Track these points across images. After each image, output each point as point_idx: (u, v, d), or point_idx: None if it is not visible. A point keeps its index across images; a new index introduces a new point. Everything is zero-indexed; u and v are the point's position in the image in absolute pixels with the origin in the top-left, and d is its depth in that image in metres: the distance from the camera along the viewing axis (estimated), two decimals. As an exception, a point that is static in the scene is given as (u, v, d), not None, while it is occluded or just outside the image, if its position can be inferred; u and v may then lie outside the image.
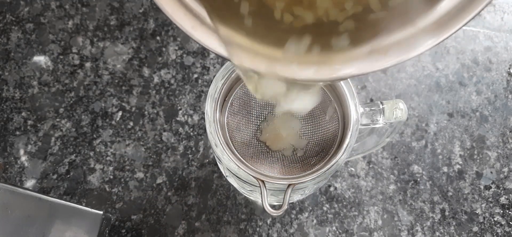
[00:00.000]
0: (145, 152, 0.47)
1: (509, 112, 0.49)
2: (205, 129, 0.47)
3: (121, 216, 0.45)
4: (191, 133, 0.47)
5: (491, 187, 0.46)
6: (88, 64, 0.50)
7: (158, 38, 0.51)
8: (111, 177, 0.46)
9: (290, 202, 0.43)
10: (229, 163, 0.33)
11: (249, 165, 0.32)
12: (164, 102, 0.49)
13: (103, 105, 0.48)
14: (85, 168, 0.46)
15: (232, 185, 0.44)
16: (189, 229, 0.44)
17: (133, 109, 0.48)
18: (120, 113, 0.48)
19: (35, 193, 0.37)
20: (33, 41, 0.51)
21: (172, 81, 0.49)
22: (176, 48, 0.51)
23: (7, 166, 0.46)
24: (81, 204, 0.41)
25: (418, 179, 0.46)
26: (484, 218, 0.45)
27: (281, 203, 0.32)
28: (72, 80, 0.49)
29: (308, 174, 0.32)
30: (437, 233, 0.44)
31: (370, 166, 0.47)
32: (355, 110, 0.34)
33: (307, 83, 0.18)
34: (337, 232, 0.45)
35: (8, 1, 0.52)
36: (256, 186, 0.34)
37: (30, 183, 0.45)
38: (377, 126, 0.36)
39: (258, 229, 0.45)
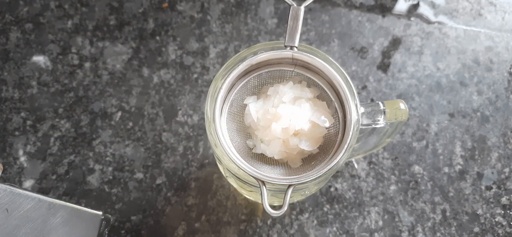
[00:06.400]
0: (144, 152, 0.47)
1: (510, 112, 0.49)
2: (205, 130, 0.47)
3: (120, 216, 0.45)
4: (191, 134, 0.47)
5: (492, 188, 0.46)
6: (87, 64, 0.50)
7: (157, 38, 0.51)
8: (111, 177, 0.46)
9: (290, 202, 0.43)
10: (229, 164, 0.33)
11: (249, 165, 0.32)
12: (164, 102, 0.48)
13: (102, 105, 0.48)
14: (84, 169, 0.46)
15: (232, 186, 0.44)
16: (189, 230, 0.44)
17: (133, 109, 0.48)
18: (119, 113, 0.48)
19: (34, 194, 0.37)
20: (32, 41, 0.51)
21: (172, 81, 0.49)
22: (176, 48, 0.51)
23: (6, 166, 0.46)
24: (81, 205, 0.41)
25: (419, 180, 0.46)
26: (485, 218, 0.45)
27: (281, 204, 0.32)
28: (71, 80, 0.49)
29: (309, 174, 0.32)
30: (438, 234, 0.44)
31: (371, 166, 0.46)
32: (356, 110, 0.33)
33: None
34: (337, 232, 0.44)
35: (7, 1, 0.52)
36: (256, 186, 0.33)
37: (29, 183, 0.45)
38: (378, 126, 0.35)
39: (258, 229, 0.44)
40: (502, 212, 0.45)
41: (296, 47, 0.34)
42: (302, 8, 0.34)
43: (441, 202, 0.45)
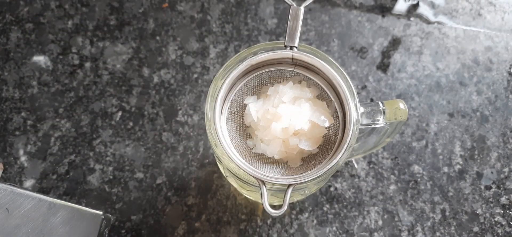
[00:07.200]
0: (145, 152, 0.47)
1: (510, 112, 0.49)
2: (205, 129, 0.47)
3: (121, 216, 0.45)
4: (191, 133, 0.47)
5: (491, 187, 0.46)
6: (87, 64, 0.50)
7: (158, 38, 0.51)
8: (111, 177, 0.46)
9: (290, 202, 0.43)
10: (229, 163, 0.33)
11: (249, 165, 0.32)
12: (164, 102, 0.49)
13: (102, 105, 0.48)
14: (84, 168, 0.46)
15: (232, 186, 0.44)
16: (189, 230, 0.44)
17: (133, 109, 0.48)
18: (119, 113, 0.48)
19: (35, 193, 0.37)
20: (32, 41, 0.51)
21: (172, 81, 0.49)
22: (176, 48, 0.51)
23: (7, 166, 0.46)
24: (81, 204, 0.41)
25: (419, 179, 0.46)
26: (484, 218, 0.45)
27: (281, 203, 0.32)
28: (71, 80, 0.49)
29: (309, 174, 0.32)
30: (438, 234, 0.44)
31: (371, 166, 0.46)
32: (356, 110, 0.34)
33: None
34: (337, 232, 0.44)
35: (8, 1, 0.52)
36: (256, 186, 0.34)
37: (29, 183, 0.45)
38: (377, 126, 0.36)
39: (258, 229, 0.45)
40: (502, 211, 0.45)
41: (296, 47, 0.34)
42: (302, 8, 0.34)
43: (440, 201, 0.45)
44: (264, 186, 0.31)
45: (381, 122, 0.35)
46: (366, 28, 0.52)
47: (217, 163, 0.42)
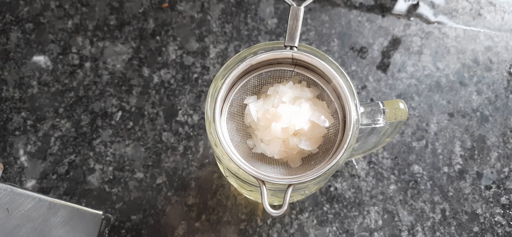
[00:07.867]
0: (145, 152, 0.47)
1: (510, 112, 0.49)
2: (205, 129, 0.47)
3: (121, 216, 0.45)
4: (191, 133, 0.47)
5: (491, 187, 0.46)
6: (87, 64, 0.50)
7: (157, 38, 0.51)
8: (111, 177, 0.46)
9: (290, 202, 0.43)
10: (229, 163, 0.33)
11: (249, 165, 0.32)
12: (164, 102, 0.49)
13: (102, 105, 0.48)
14: (84, 168, 0.46)
15: (232, 185, 0.44)
16: (189, 230, 0.44)
17: (133, 109, 0.48)
18: (119, 113, 0.48)
19: (35, 193, 0.37)
20: (32, 41, 0.51)
21: (172, 81, 0.49)
22: (176, 48, 0.51)
23: (7, 166, 0.46)
24: (81, 204, 0.41)
25: (419, 179, 0.46)
26: (484, 218, 0.45)
27: (281, 203, 0.32)
28: (71, 80, 0.49)
29: (308, 174, 0.32)
30: (438, 233, 0.44)
31: (371, 166, 0.46)
32: (356, 110, 0.34)
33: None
34: (337, 232, 0.44)
35: (8, 1, 0.52)
36: (256, 186, 0.34)
37: (29, 183, 0.45)
38: (377, 126, 0.36)
39: (258, 229, 0.45)
40: (502, 211, 0.45)
41: (296, 47, 0.34)
42: (302, 8, 0.34)
43: (440, 201, 0.45)
44: (264, 186, 0.31)
45: (381, 122, 0.35)
46: (366, 28, 0.52)
47: (217, 163, 0.42)
